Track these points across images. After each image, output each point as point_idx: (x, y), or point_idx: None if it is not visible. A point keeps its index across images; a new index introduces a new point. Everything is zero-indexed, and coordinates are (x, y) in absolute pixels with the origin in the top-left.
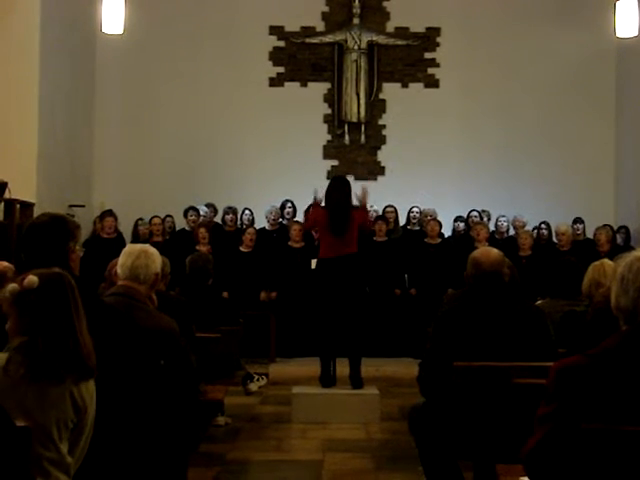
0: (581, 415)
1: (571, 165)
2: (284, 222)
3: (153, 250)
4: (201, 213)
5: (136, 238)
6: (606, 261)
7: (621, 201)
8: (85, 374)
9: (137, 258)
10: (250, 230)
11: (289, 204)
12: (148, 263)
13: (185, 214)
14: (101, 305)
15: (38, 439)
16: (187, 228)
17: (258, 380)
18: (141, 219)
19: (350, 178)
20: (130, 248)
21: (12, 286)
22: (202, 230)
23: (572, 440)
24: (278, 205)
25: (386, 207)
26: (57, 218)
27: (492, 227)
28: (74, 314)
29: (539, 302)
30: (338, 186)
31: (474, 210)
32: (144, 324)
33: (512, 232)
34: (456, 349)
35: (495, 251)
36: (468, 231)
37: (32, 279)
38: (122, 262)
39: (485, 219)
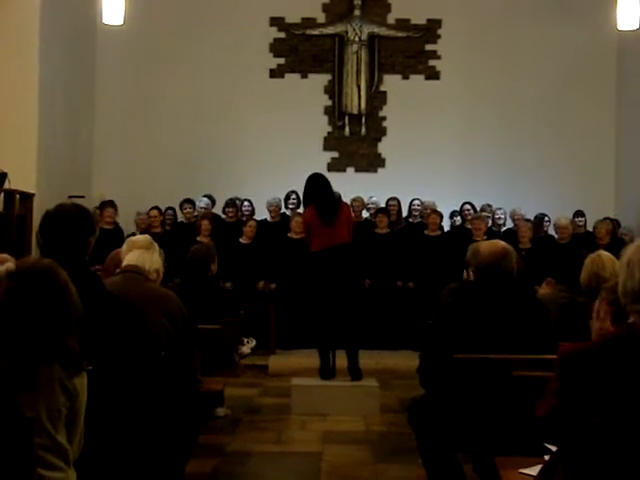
0: (584, 403)
1: (571, 158)
2: (287, 212)
3: (156, 246)
4: (202, 205)
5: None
6: (602, 252)
7: (621, 194)
8: (73, 369)
9: (145, 250)
10: (251, 222)
11: (293, 195)
12: (153, 257)
13: (181, 207)
14: (106, 295)
15: None
16: (184, 220)
17: (248, 342)
18: (139, 212)
19: (350, 170)
20: (136, 238)
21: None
22: (205, 222)
23: (574, 428)
24: (283, 196)
25: (389, 200)
26: (84, 211)
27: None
28: (64, 309)
29: (541, 292)
30: (316, 182)
31: (467, 203)
32: (149, 307)
33: (509, 224)
34: (457, 341)
35: (500, 244)
36: (463, 224)
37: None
38: (127, 249)
39: (488, 211)
